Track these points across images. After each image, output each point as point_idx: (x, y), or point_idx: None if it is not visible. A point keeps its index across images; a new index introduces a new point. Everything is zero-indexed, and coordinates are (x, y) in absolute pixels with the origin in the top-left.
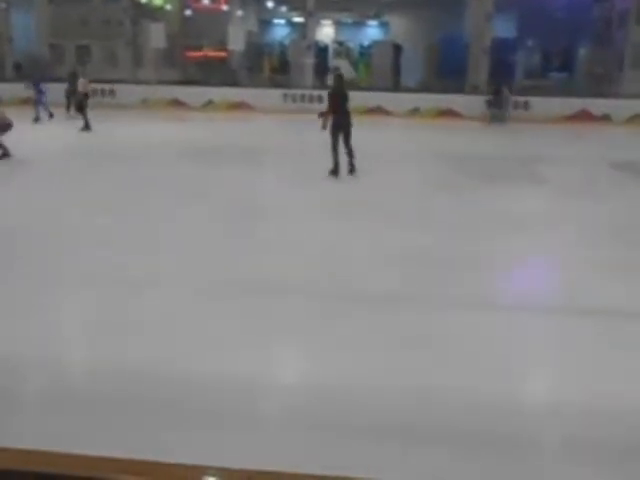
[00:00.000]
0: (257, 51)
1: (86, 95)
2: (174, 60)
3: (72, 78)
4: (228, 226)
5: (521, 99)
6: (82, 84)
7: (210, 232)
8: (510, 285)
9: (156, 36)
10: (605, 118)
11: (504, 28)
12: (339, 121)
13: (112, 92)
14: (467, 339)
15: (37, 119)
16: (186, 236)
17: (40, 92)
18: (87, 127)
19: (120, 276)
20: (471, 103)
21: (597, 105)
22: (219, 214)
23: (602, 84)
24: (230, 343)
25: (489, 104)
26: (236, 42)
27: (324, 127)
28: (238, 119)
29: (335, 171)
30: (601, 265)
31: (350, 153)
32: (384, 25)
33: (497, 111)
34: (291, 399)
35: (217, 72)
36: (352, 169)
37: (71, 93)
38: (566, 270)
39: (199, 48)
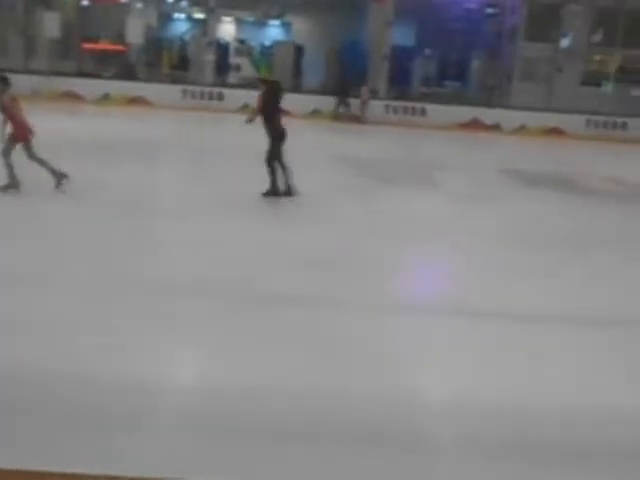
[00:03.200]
0: (156, 45)
1: None
2: (69, 51)
3: None
4: (123, 224)
5: (418, 105)
6: None
7: (104, 230)
8: (408, 288)
9: (50, 25)
10: (495, 127)
11: (404, 36)
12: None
13: None
14: (370, 340)
15: None
16: (79, 235)
17: None
18: None
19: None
20: (371, 107)
21: (488, 115)
22: (114, 212)
23: (493, 95)
24: (134, 344)
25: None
26: (135, 35)
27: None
28: (135, 114)
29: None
30: (490, 267)
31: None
32: (286, 26)
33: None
34: (191, 400)
35: (114, 65)
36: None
37: None
38: (457, 272)
39: (96, 40)
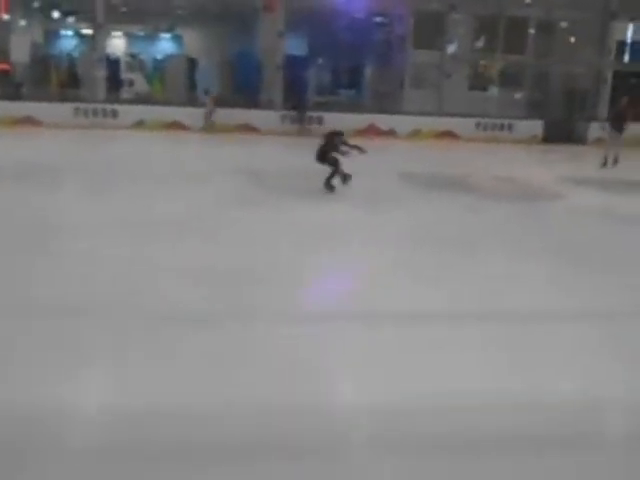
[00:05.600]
0: (44, 63)
1: None
2: None
3: None
4: (21, 245)
5: (315, 115)
6: None
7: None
8: (317, 296)
9: None
10: (391, 132)
11: (296, 47)
12: None
13: None
14: (283, 353)
15: None
16: None
17: None
18: None
19: None
20: (267, 117)
21: (383, 120)
22: (5, 234)
23: (386, 101)
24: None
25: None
26: (20, 53)
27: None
28: (24, 135)
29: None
30: (399, 270)
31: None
32: (177, 39)
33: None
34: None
35: None
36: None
37: None
38: (370, 277)
39: None
